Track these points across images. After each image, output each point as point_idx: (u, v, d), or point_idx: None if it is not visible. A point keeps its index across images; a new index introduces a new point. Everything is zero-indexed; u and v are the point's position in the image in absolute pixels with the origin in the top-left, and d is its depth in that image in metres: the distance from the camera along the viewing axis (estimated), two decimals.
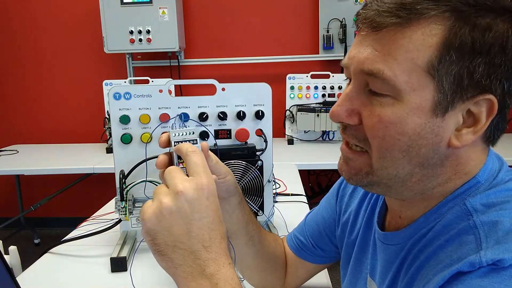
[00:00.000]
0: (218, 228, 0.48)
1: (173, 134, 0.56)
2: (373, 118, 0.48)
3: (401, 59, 0.44)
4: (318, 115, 2.46)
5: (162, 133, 0.58)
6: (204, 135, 1.00)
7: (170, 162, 0.56)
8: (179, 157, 0.53)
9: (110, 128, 1.14)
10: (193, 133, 0.57)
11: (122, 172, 0.99)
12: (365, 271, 0.67)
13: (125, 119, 0.99)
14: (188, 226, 0.46)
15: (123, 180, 0.97)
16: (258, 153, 1.01)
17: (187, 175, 0.50)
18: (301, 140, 2.64)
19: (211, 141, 1.01)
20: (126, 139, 1.00)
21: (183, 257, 0.46)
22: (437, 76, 0.44)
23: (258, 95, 1.03)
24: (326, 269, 0.88)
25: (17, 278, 0.65)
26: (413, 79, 0.44)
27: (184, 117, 1.01)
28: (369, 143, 0.49)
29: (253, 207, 1.01)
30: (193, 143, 0.55)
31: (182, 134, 0.56)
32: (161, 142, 0.56)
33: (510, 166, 0.55)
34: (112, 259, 0.94)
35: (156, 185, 0.98)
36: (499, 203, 0.45)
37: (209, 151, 0.58)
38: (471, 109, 0.46)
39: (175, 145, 0.54)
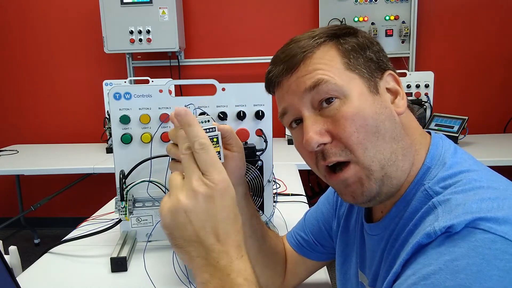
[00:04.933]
0: (232, 222, 0.50)
1: None
2: (338, 122, 0.55)
3: (326, 68, 0.57)
4: None
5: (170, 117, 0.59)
6: None
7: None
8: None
9: (110, 128, 1.14)
10: (209, 120, 0.57)
11: (122, 172, 0.99)
12: (355, 264, 0.70)
13: (125, 119, 0.99)
14: (203, 223, 0.48)
15: (123, 180, 0.97)
16: (258, 153, 1.01)
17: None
18: None
19: None
20: (126, 139, 1.00)
21: (198, 251, 0.48)
22: (355, 69, 0.57)
23: (258, 95, 1.03)
24: (325, 266, 0.89)
25: (17, 278, 0.65)
26: (343, 76, 0.56)
27: None
28: (349, 147, 0.55)
29: None
30: (212, 131, 0.56)
31: (201, 122, 0.57)
32: (173, 116, 0.57)
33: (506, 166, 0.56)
34: (112, 259, 0.94)
35: (157, 185, 0.98)
36: (453, 184, 0.52)
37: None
38: (387, 87, 0.59)
39: None
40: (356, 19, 2.83)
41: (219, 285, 0.47)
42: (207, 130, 0.56)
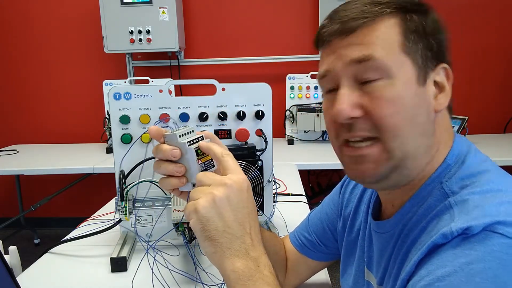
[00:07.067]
0: (256, 218, 0.56)
1: (179, 135, 0.58)
2: (376, 101, 0.53)
3: (381, 45, 0.53)
4: (318, 115, 2.46)
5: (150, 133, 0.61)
6: None
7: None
8: (197, 154, 0.58)
9: (110, 128, 1.14)
10: (193, 131, 0.59)
11: (122, 172, 0.99)
12: (362, 263, 0.70)
13: (125, 119, 1.00)
14: (235, 213, 0.53)
15: (123, 180, 0.97)
16: (258, 153, 1.01)
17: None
18: (301, 140, 2.64)
19: None
20: (126, 139, 1.00)
21: (231, 241, 0.53)
22: (411, 54, 0.53)
23: (258, 95, 1.03)
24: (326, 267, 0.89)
25: (17, 278, 0.65)
26: (395, 58, 0.53)
27: (184, 118, 1.01)
28: (378, 128, 0.53)
29: None
30: (200, 140, 0.59)
31: (186, 134, 0.58)
32: (153, 132, 0.60)
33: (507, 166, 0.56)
34: (112, 259, 0.94)
35: (156, 185, 0.98)
36: (470, 184, 0.51)
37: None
38: (435, 79, 0.55)
39: (189, 145, 0.57)
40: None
41: (250, 274, 0.51)
42: (196, 140, 0.58)
